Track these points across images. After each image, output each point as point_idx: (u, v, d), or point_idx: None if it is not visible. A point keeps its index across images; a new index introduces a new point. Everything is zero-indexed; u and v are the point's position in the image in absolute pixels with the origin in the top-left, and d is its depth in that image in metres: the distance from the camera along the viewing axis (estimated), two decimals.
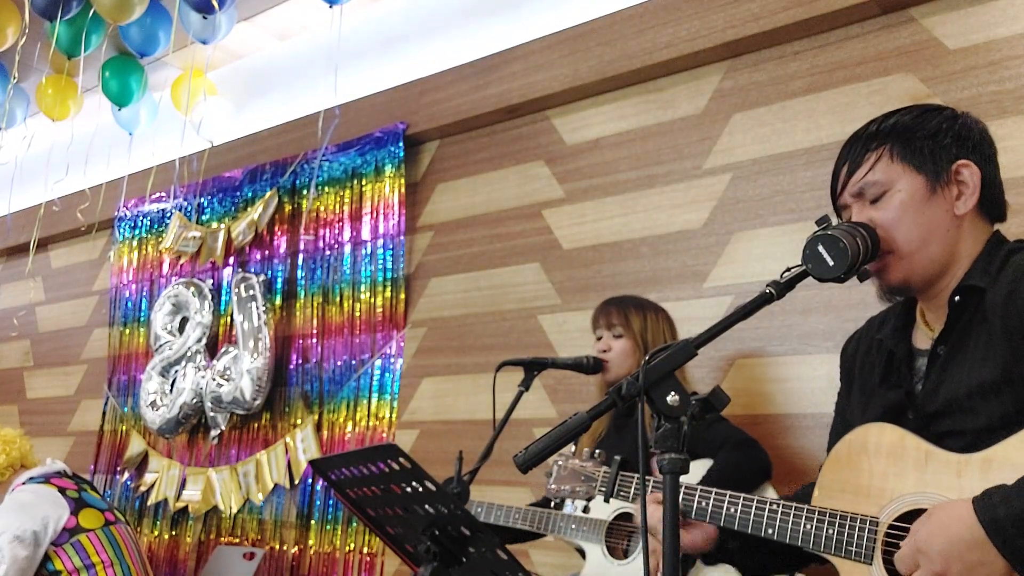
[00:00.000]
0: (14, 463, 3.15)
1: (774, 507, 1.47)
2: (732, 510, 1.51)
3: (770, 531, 1.46)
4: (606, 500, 1.74)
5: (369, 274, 3.81)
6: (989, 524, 1.18)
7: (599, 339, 2.53)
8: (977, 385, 1.35)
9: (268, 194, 4.22)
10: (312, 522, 3.76)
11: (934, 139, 1.46)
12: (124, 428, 4.69)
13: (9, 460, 3.14)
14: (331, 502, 3.72)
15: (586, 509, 1.80)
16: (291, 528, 3.82)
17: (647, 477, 1.61)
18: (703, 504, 1.57)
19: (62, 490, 3.02)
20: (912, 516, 1.35)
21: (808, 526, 1.42)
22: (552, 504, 1.84)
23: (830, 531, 1.40)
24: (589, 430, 2.47)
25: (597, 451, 1.87)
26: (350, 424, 3.74)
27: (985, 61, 2.44)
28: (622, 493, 1.75)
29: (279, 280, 4.15)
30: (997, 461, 1.28)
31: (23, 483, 3.07)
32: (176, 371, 4.35)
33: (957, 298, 1.42)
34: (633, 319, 2.48)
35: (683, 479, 1.26)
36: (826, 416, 2.52)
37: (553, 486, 1.86)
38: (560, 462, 1.89)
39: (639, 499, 1.22)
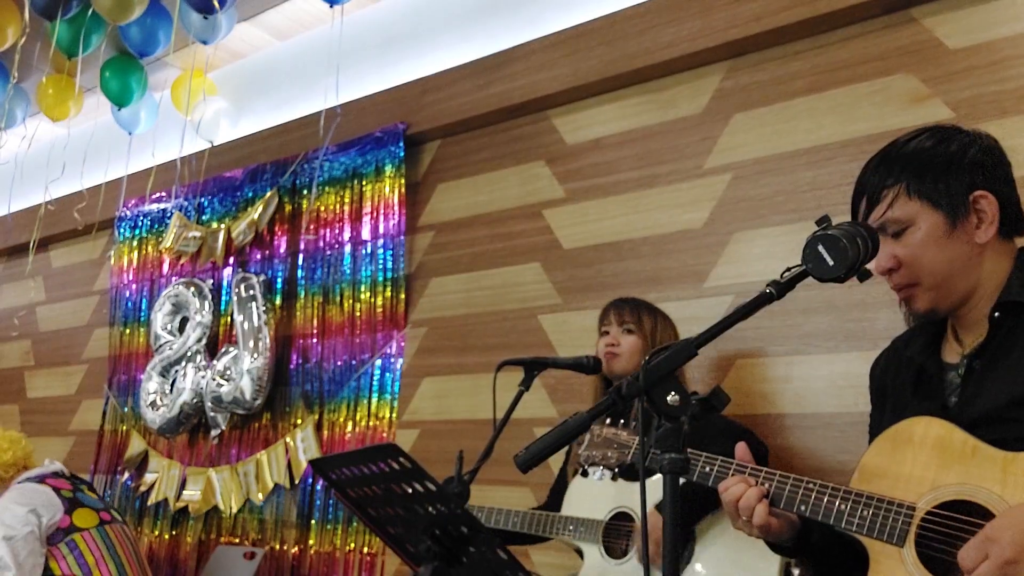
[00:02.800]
0: (18, 462, 3.19)
1: (810, 486, 1.47)
2: (767, 486, 1.50)
3: (802, 508, 1.46)
4: (638, 468, 1.72)
5: (369, 274, 3.81)
6: None
7: (606, 333, 2.54)
8: (1020, 395, 1.36)
9: (268, 194, 4.22)
10: (312, 522, 3.75)
11: (948, 172, 1.46)
12: (124, 428, 4.69)
13: (14, 458, 3.17)
14: (331, 502, 3.72)
15: (614, 477, 1.78)
16: (291, 528, 3.82)
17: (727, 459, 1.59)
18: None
19: (56, 490, 3.04)
20: (952, 506, 1.35)
21: (843, 506, 1.42)
22: (580, 472, 1.82)
23: (865, 512, 1.41)
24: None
25: (634, 422, 1.84)
26: (350, 424, 3.74)
27: (986, 61, 2.44)
28: (653, 460, 1.73)
29: (279, 280, 4.15)
30: None
31: (19, 483, 3.09)
32: (176, 371, 4.34)
33: (997, 314, 1.43)
34: (645, 318, 2.51)
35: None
36: (826, 416, 2.53)
37: (584, 452, 1.83)
38: (594, 430, 1.86)
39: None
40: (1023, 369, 1.38)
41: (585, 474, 1.80)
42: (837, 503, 1.43)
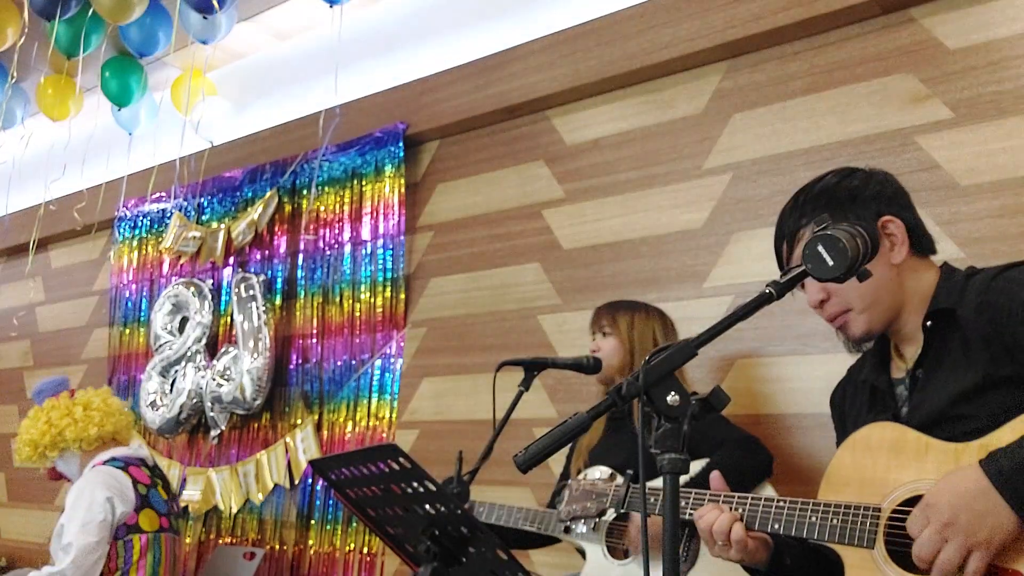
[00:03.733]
0: (105, 436, 3.16)
1: (780, 504, 1.53)
2: (740, 510, 1.55)
3: (776, 526, 1.51)
4: (616, 512, 1.75)
5: (369, 274, 3.81)
6: (994, 475, 1.25)
7: (593, 340, 2.61)
8: (960, 392, 1.43)
9: (268, 194, 4.22)
10: (312, 522, 3.76)
11: (854, 203, 1.59)
12: None
13: (100, 433, 3.14)
14: (331, 502, 3.72)
15: (595, 527, 1.80)
16: (291, 528, 3.82)
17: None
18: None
19: (135, 482, 3.05)
20: (913, 502, 1.40)
21: (813, 518, 1.48)
22: (564, 528, 1.84)
23: (834, 522, 1.46)
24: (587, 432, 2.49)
25: (611, 472, 1.88)
26: (350, 424, 3.74)
27: (985, 61, 2.44)
28: (633, 503, 1.77)
29: (279, 280, 4.15)
30: (993, 446, 1.34)
31: (104, 461, 3.09)
32: (176, 371, 4.35)
33: (929, 323, 1.52)
34: (620, 319, 2.56)
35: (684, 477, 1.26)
36: (825, 416, 2.51)
37: (566, 508, 1.86)
38: (572, 484, 1.90)
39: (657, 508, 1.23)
40: (959, 369, 1.46)
41: (568, 531, 1.82)
42: (808, 516, 1.49)
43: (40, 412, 3.20)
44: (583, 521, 1.81)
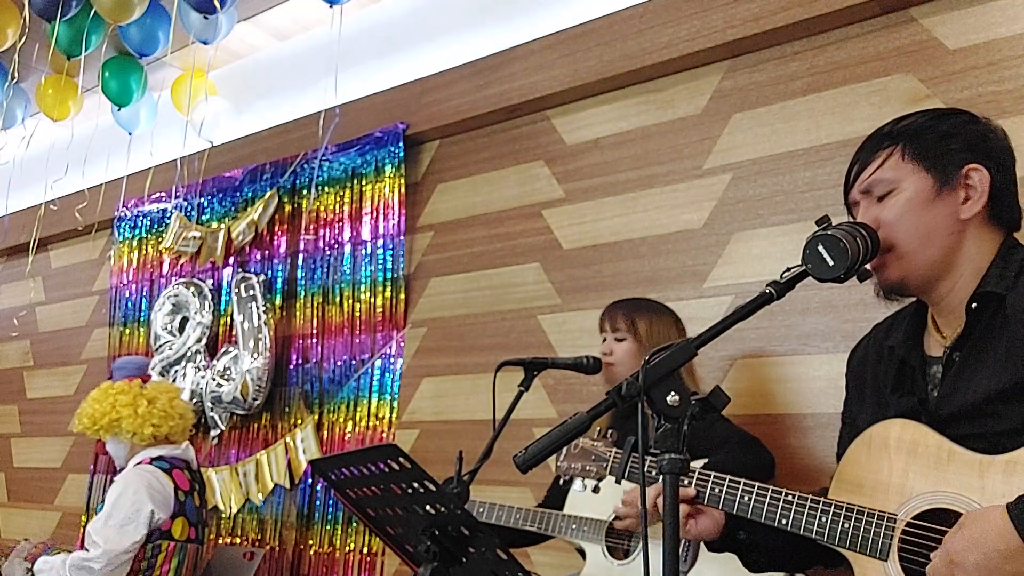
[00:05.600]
0: (159, 436, 3.18)
1: (789, 498, 1.45)
2: (746, 498, 1.49)
3: (783, 522, 1.44)
4: (617, 481, 1.73)
5: (369, 274, 3.81)
6: None
7: (604, 341, 2.54)
8: (997, 390, 1.33)
9: (268, 194, 4.22)
10: (312, 522, 3.76)
11: (946, 141, 1.46)
12: None
13: (155, 432, 3.17)
14: (331, 502, 3.72)
15: (596, 489, 1.78)
16: (291, 528, 3.82)
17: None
18: (716, 491, 1.55)
19: (176, 488, 3.08)
20: (931, 515, 1.34)
21: (824, 519, 1.41)
22: (561, 482, 1.82)
23: (846, 525, 1.39)
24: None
25: (610, 431, 1.84)
26: (350, 424, 3.74)
27: (985, 61, 2.44)
28: (634, 474, 1.73)
29: (279, 280, 4.15)
30: (1021, 464, 1.27)
31: (151, 459, 3.11)
32: (176, 371, 4.35)
33: (975, 305, 1.40)
34: (639, 322, 2.47)
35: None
36: (826, 416, 2.53)
37: (564, 464, 1.83)
38: (573, 442, 1.86)
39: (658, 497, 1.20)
40: (998, 364, 1.35)
41: (566, 484, 1.81)
42: (818, 516, 1.41)
43: (110, 390, 3.23)
44: (582, 480, 1.78)
